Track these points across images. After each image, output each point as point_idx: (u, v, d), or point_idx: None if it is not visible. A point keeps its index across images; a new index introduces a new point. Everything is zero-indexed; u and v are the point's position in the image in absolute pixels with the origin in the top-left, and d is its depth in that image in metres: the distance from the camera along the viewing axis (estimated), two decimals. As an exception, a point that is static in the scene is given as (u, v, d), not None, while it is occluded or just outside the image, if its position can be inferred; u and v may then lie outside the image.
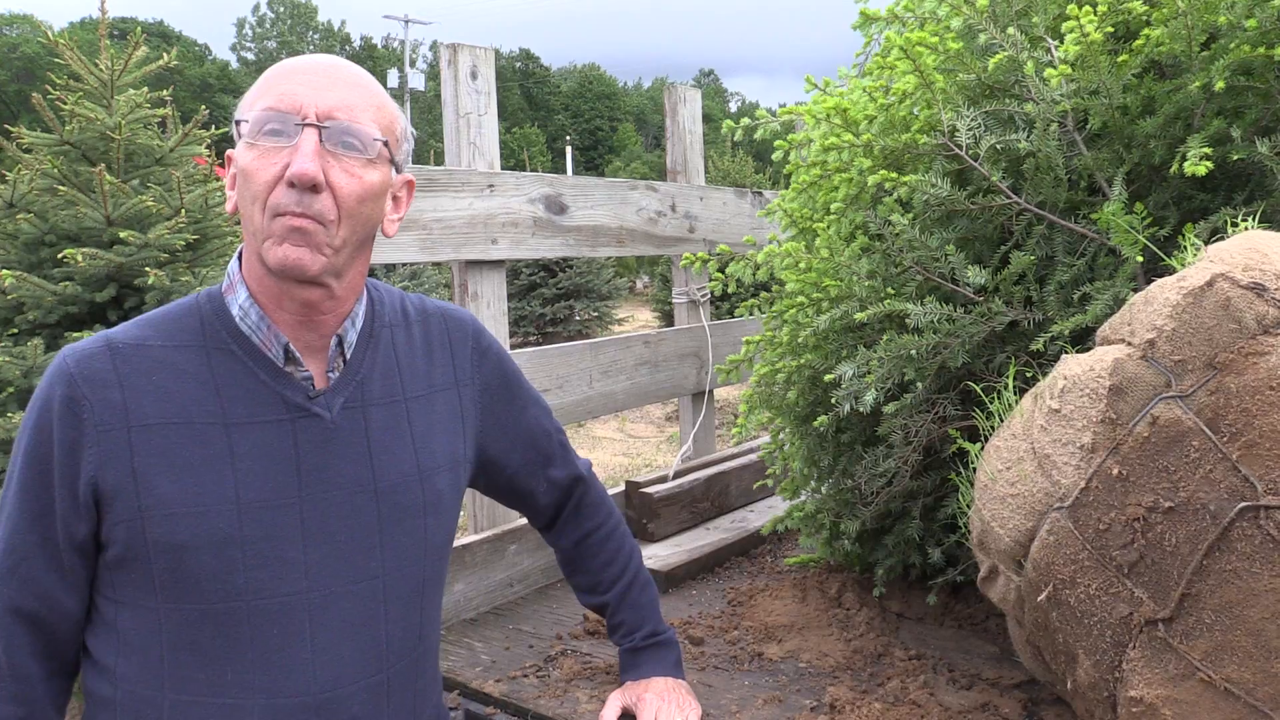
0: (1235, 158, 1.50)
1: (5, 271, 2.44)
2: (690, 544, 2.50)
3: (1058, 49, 1.59)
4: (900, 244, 1.72)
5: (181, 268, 2.64)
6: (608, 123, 71.11)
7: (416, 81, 49.84)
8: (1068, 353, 1.40)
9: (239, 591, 1.17)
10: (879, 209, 1.75)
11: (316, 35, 67.33)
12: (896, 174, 1.67)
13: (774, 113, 2.12)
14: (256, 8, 70.12)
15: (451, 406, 1.41)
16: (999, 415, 1.49)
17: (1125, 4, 1.56)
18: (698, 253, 2.15)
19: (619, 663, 1.68)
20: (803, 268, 1.86)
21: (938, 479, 1.90)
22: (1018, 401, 1.44)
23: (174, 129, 3.12)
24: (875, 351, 1.69)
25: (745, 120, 2.10)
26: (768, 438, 2.27)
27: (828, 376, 1.77)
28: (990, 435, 1.46)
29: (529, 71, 73.36)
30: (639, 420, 7.86)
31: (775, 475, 2.28)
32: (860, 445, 1.99)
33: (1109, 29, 1.54)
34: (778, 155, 2.03)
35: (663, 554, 2.41)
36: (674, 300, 3.19)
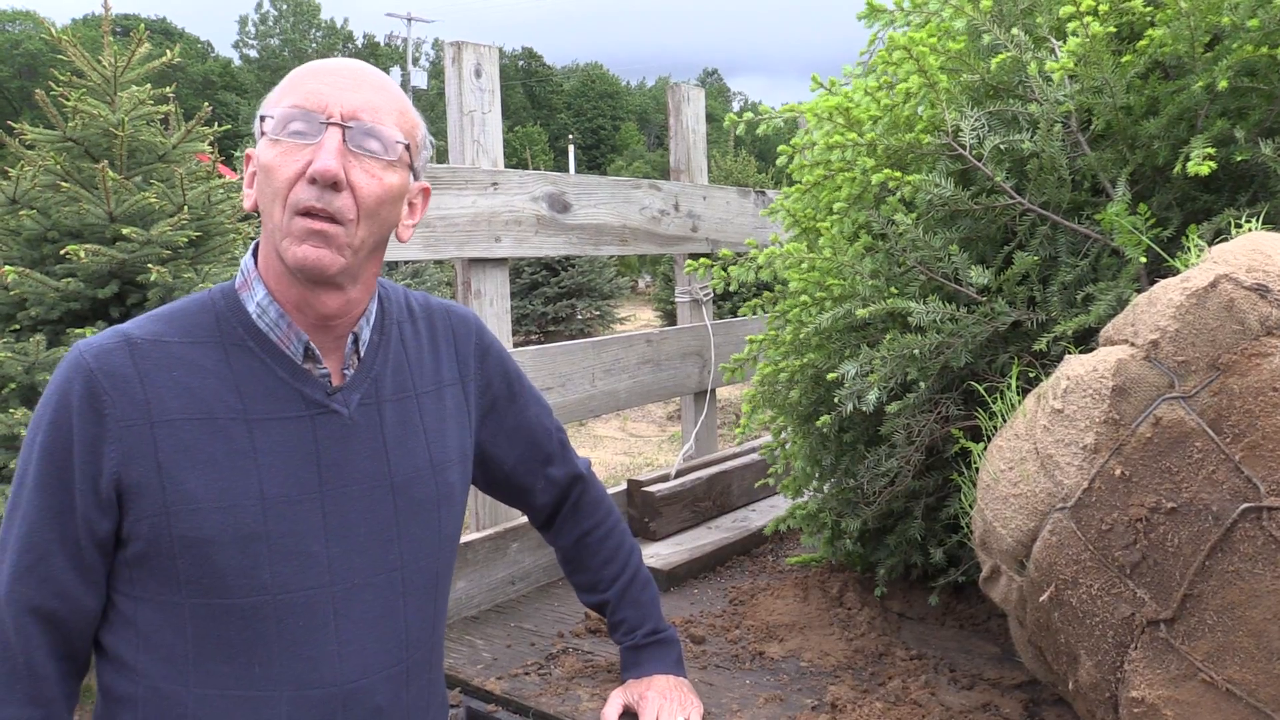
0: (1239, 158, 1.50)
1: (8, 268, 2.44)
2: (692, 543, 2.50)
3: (1061, 48, 1.59)
4: (903, 243, 1.72)
5: (184, 264, 2.64)
6: (610, 122, 71.07)
7: (419, 79, 49.81)
8: (1071, 353, 1.40)
9: (264, 586, 1.18)
10: (882, 208, 1.75)
11: (319, 33, 67.30)
12: (900, 173, 1.67)
13: (776, 111, 2.11)
14: (259, 5, 70.09)
15: (458, 401, 1.43)
16: (1002, 415, 1.49)
17: (1127, 3, 1.55)
18: (700, 252, 2.15)
19: (620, 661, 1.68)
20: (805, 267, 1.86)
21: (940, 479, 1.90)
22: (1020, 402, 1.44)
23: (176, 126, 3.12)
24: (878, 351, 1.69)
25: (748, 115, 2.10)
26: (769, 437, 2.27)
27: (830, 375, 1.77)
28: (993, 435, 1.46)
29: (532, 70, 73.35)
30: (641, 419, 7.86)
31: (776, 474, 2.28)
32: (863, 445, 2.00)
33: (1112, 28, 1.54)
34: (781, 160, 2.03)
35: (664, 553, 2.41)
36: (676, 299, 3.18)
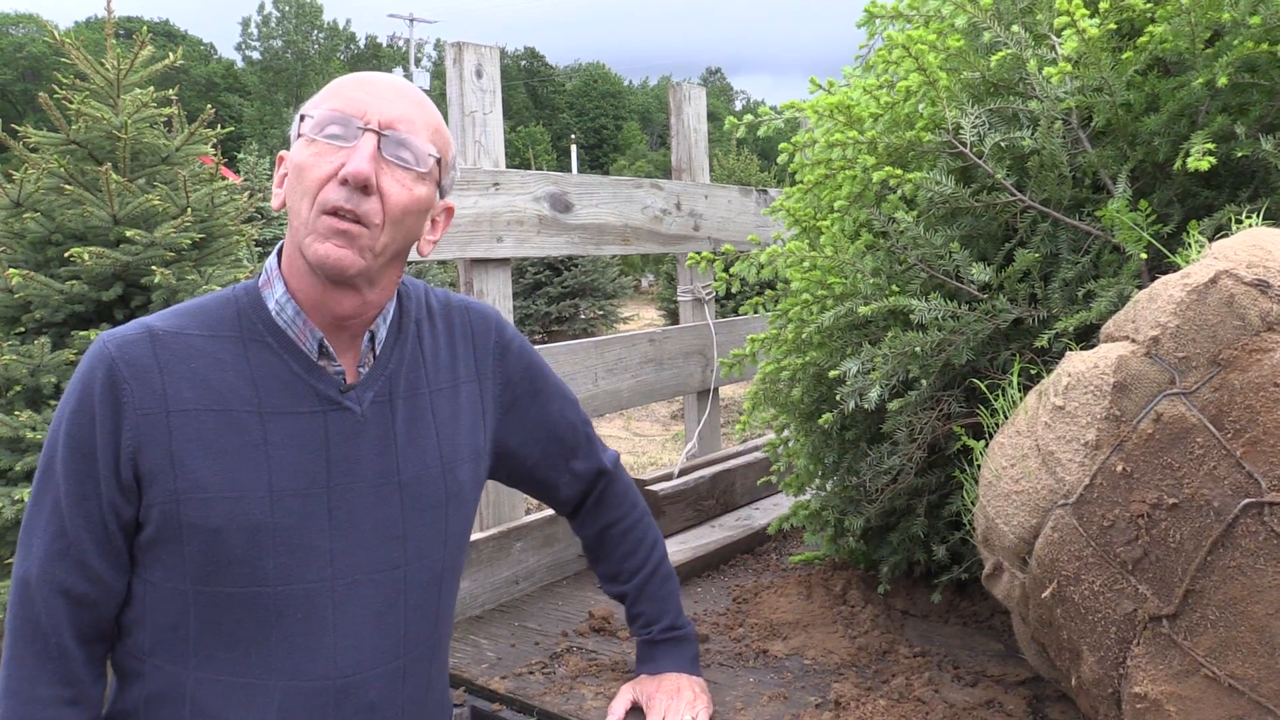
0: (1239, 154, 1.50)
1: (12, 270, 2.45)
2: (695, 541, 2.50)
3: (1061, 46, 1.59)
4: (905, 241, 1.72)
5: (187, 266, 2.64)
6: (612, 121, 70.99)
7: (421, 81, 49.94)
8: (1072, 350, 1.40)
9: (267, 576, 1.20)
10: (883, 206, 1.75)
11: (322, 34, 67.27)
12: (901, 171, 1.67)
13: (777, 109, 2.11)
14: (261, 7, 70.13)
15: (473, 399, 1.44)
16: (1003, 412, 1.49)
17: (1126, 1, 1.55)
18: (703, 251, 2.15)
19: (635, 653, 1.69)
20: (807, 266, 1.86)
21: (942, 476, 1.90)
22: (1022, 398, 1.44)
23: (180, 128, 3.13)
24: (880, 348, 1.69)
25: (749, 117, 2.10)
26: (772, 435, 2.28)
27: (832, 373, 1.77)
28: (995, 432, 1.46)
29: (534, 70, 73.33)
30: (644, 418, 7.86)
31: (779, 472, 2.28)
32: (865, 442, 2.00)
33: (1111, 26, 1.54)
34: (783, 159, 2.04)
35: (668, 551, 2.41)
36: (679, 298, 3.18)
